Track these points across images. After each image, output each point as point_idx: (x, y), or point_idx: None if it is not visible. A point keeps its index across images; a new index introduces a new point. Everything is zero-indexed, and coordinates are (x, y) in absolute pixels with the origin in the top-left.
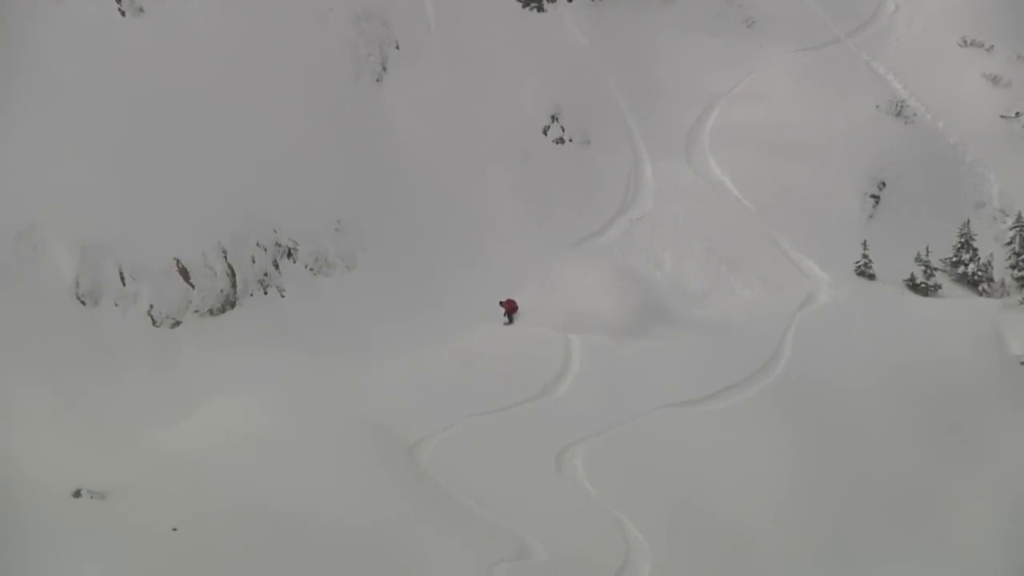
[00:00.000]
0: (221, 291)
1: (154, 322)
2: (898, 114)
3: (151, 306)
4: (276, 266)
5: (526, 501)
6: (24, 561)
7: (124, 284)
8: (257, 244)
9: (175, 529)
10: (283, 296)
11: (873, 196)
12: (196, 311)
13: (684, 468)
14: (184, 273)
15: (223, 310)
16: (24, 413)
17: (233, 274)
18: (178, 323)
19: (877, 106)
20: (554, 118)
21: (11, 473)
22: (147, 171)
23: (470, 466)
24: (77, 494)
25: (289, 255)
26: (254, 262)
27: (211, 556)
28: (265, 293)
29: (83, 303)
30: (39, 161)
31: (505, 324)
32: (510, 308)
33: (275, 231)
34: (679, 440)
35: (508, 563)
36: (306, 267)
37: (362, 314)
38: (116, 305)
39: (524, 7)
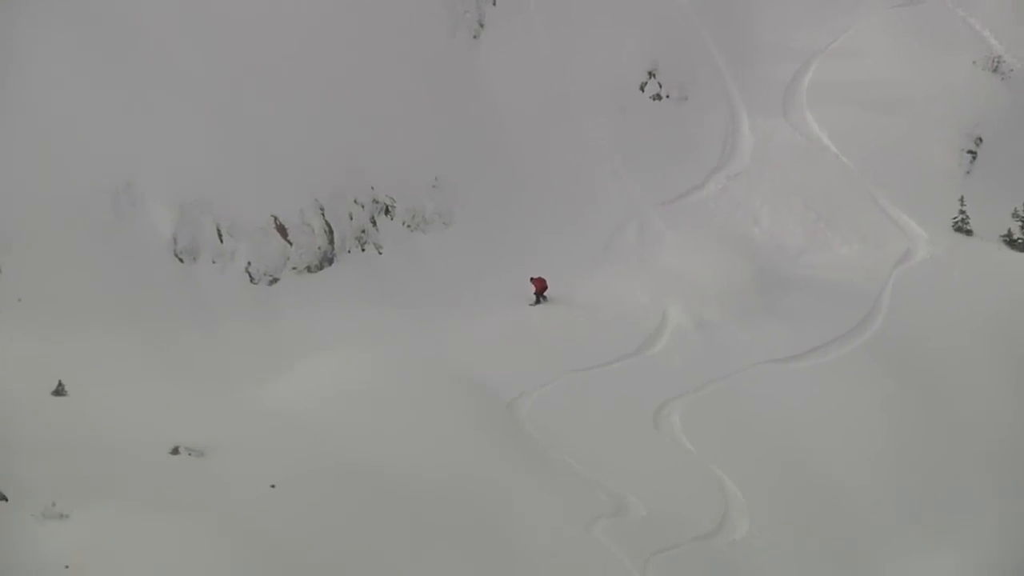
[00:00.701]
0: (319, 248)
1: (252, 279)
2: (995, 70)
3: (249, 263)
4: (374, 223)
5: (624, 458)
6: (123, 518)
7: (222, 241)
8: (355, 201)
9: (273, 486)
10: (380, 253)
11: (970, 152)
12: (294, 268)
13: (782, 424)
14: (282, 230)
15: (321, 267)
16: (123, 369)
17: (331, 231)
18: (276, 280)
19: (974, 62)
20: (651, 74)
21: (110, 431)
22: (244, 128)
23: (567, 423)
24: (175, 451)
25: (386, 212)
26: (351, 219)
27: (309, 513)
28: (363, 250)
29: (181, 260)
30: (136, 118)
31: (532, 304)
32: (540, 288)
33: (372, 188)
34: (777, 396)
35: (607, 519)
36: (403, 224)
37: (459, 270)
38: (214, 262)
39: None
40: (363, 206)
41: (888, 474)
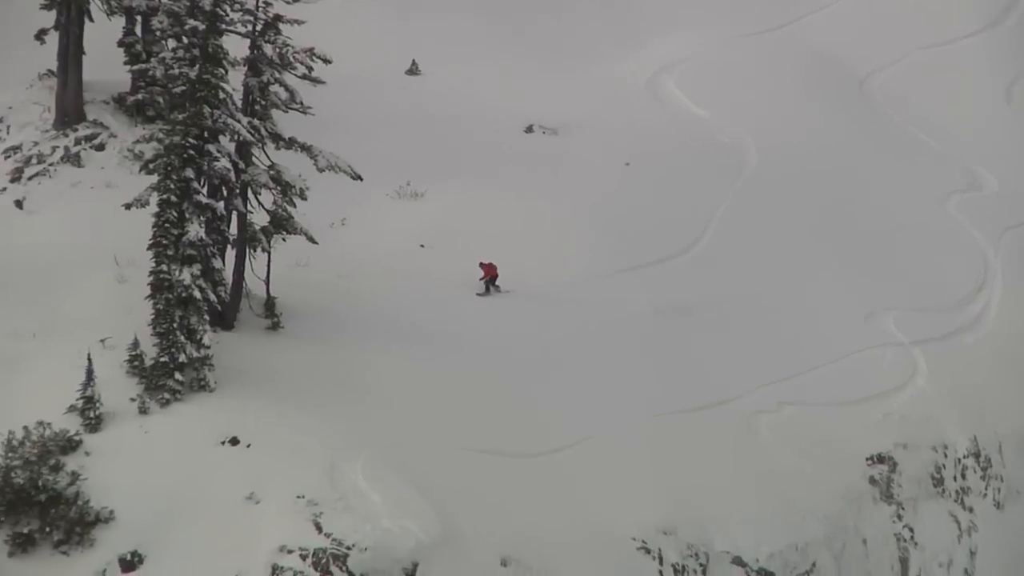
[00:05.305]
0: None
1: None
2: None
3: None
4: None
5: (976, 133)
6: (475, 197)
7: None
8: None
9: (627, 164)
10: None
11: None
12: None
13: None
14: None
15: None
16: (474, 49)
17: None
18: None
19: None
20: None
21: (463, 109)
22: None
23: (920, 99)
24: (529, 129)
25: None
26: None
27: (663, 190)
28: None
29: None
30: None
31: (479, 294)
32: (489, 274)
33: None
34: None
35: (961, 194)
36: None
37: None
38: None
39: None
40: None
41: None
